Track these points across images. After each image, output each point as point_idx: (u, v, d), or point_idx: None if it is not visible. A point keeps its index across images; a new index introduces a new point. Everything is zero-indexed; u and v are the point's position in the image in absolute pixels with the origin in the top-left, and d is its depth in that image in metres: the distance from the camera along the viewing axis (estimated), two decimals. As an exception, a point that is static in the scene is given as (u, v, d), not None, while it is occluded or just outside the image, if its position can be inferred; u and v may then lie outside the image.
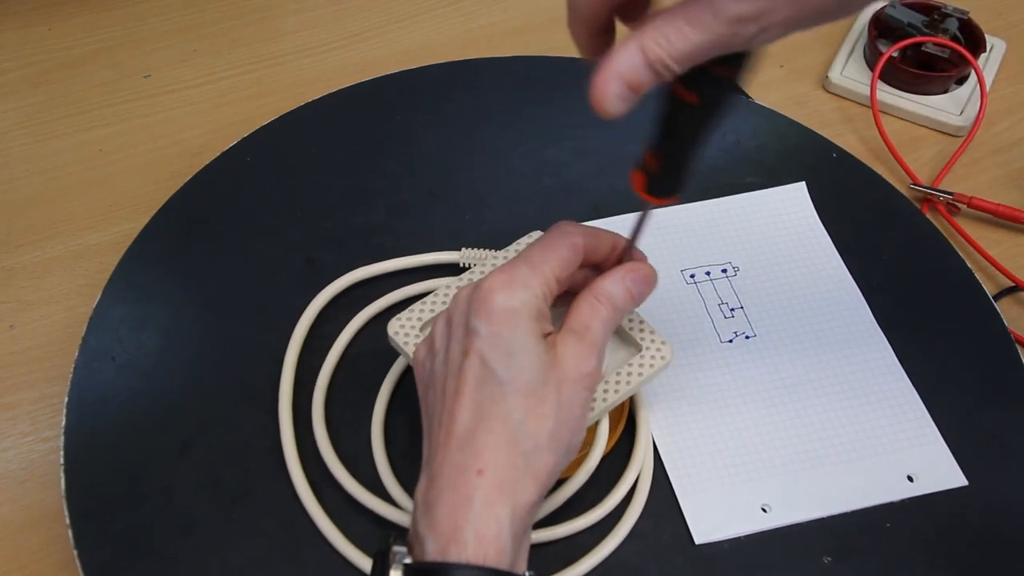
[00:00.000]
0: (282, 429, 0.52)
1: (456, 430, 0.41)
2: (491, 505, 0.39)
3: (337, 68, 0.75)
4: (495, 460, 0.40)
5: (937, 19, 0.73)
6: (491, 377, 0.41)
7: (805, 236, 0.62)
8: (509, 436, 0.40)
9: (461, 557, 0.38)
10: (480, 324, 0.41)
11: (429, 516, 0.40)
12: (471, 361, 0.41)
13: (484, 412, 0.41)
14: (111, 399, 0.54)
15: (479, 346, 0.41)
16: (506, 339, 0.41)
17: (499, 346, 0.41)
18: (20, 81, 0.73)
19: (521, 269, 0.43)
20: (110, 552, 0.48)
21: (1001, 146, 0.72)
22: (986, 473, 0.52)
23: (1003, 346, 0.57)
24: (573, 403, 0.42)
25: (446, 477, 0.40)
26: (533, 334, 0.42)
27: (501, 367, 0.41)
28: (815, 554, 0.50)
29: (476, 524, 0.39)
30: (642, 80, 0.36)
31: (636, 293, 0.46)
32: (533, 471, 0.40)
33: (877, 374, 0.56)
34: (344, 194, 0.63)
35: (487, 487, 0.39)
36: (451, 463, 0.40)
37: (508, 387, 0.41)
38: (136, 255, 0.60)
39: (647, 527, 0.50)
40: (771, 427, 0.54)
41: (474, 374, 0.41)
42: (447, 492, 0.40)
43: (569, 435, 0.42)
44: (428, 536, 0.39)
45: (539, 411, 0.41)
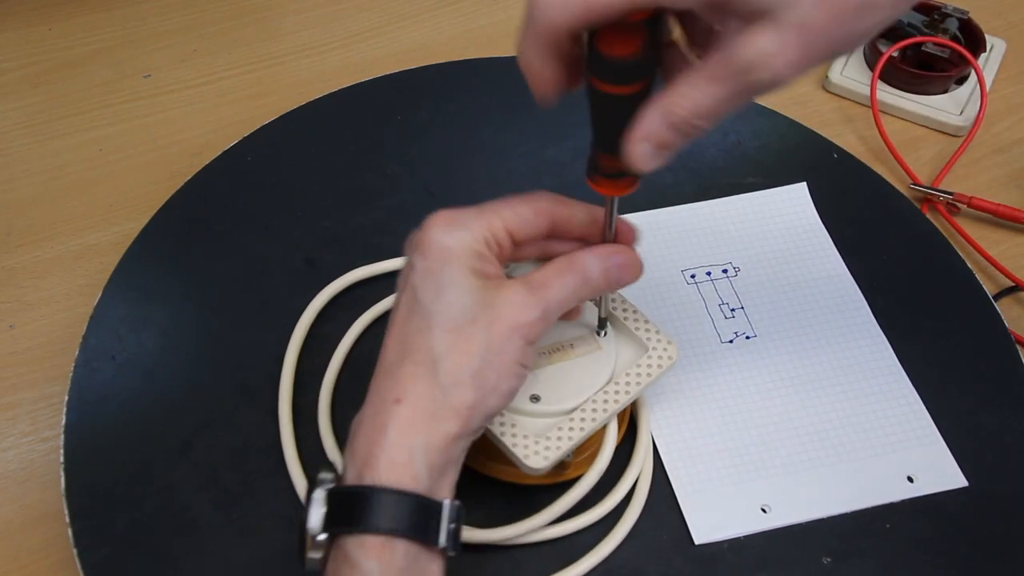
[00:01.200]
0: (282, 429, 0.52)
1: (384, 360, 0.42)
2: (404, 434, 0.40)
3: (337, 68, 0.75)
4: (413, 390, 0.40)
5: (937, 19, 0.73)
6: (419, 310, 0.41)
7: (805, 236, 0.62)
8: (429, 368, 0.41)
9: (379, 480, 0.39)
10: (416, 258, 0.42)
11: (351, 444, 0.41)
12: (405, 294, 0.42)
13: (409, 344, 0.41)
14: (111, 399, 0.54)
15: (413, 280, 0.42)
16: (436, 274, 0.41)
17: (429, 280, 0.42)
18: (20, 81, 0.73)
19: (468, 211, 0.43)
20: (110, 552, 0.48)
21: (1001, 146, 0.72)
22: (986, 473, 0.52)
23: (1003, 346, 0.57)
24: (504, 348, 0.41)
25: (370, 406, 0.41)
26: (465, 272, 0.42)
27: (429, 300, 0.41)
28: (815, 554, 0.50)
29: (388, 451, 0.40)
30: (669, 140, 0.37)
31: (615, 277, 0.45)
32: (453, 405, 0.40)
33: (877, 374, 0.56)
34: (344, 194, 0.63)
35: (403, 416, 0.40)
36: (375, 392, 0.41)
37: (433, 320, 0.41)
38: (136, 255, 0.60)
39: (647, 527, 0.50)
40: (771, 427, 0.54)
41: (406, 307, 0.42)
42: (367, 420, 0.41)
43: (496, 378, 0.41)
44: (348, 463, 0.41)
45: (463, 347, 0.41)
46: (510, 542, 0.49)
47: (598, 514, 0.50)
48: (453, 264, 0.41)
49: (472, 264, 0.42)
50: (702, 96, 0.36)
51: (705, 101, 0.36)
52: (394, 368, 0.41)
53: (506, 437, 0.46)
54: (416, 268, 0.42)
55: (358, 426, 0.41)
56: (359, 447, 0.41)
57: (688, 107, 0.36)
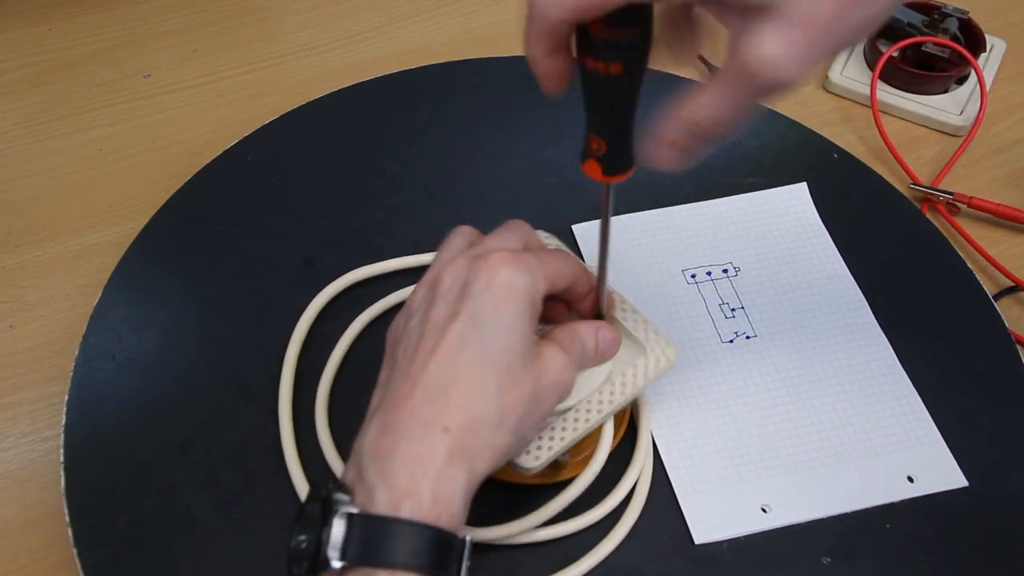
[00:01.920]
0: (282, 429, 0.52)
1: (426, 383, 0.40)
2: (450, 467, 0.39)
3: (337, 68, 0.75)
4: (462, 422, 0.39)
5: (937, 19, 0.73)
6: (477, 343, 0.41)
7: (805, 236, 0.62)
8: (480, 404, 0.40)
9: (415, 514, 0.38)
10: (480, 289, 0.41)
11: (381, 465, 0.39)
12: (460, 323, 0.41)
13: (459, 373, 0.40)
14: (111, 398, 0.54)
15: (474, 310, 0.41)
16: (503, 313, 0.41)
17: (494, 317, 0.41)
18: (20, 81, 0.73)
19: (529, 257, 0.43)
20: (110, 552, 0.48)
21: (1001, 146, 0.72)
22: (986, 473, 0.52)
23: (1003, 346, 0.57)
24: (543, 402, 0.42)
25: (406, 429, 0.39)
26: (527, 318, 0.42)
27: (490, 338, 0.41)
28: (815, 554, 0.50)
29: (435, 482, 0.38)
30: (691, 145, 0.38)
31: (602, 350, 0.47)
32: (492, 445, 0.40)
33: (877, 374, 0.56)
34: (344, 194, 0.63)
35: (450, 447, 0.39)
36: (415, 416, 0.40)
37: (492, 358, 0.41)
38: (136, 255, 0.60)
39: (647, 527, 0.50)
40: (771, 427, 0.54)
41: (459, 335, 0.41)
42: (405, 443, 0.39)
43: (529, 427, 0.42)
44: (379, 486, 0.38)
45: (514, 392, 0.41)
46: (506, 542, 0.49)
47: (598, 514, 0.49)
48: (519, 307, 0.42)
49: (532, 311, 0.42)
50: (717, 102, 0.36)
51: (720, 107, 0.36)
52: (441, 394, 0.40)
53: None
54: (479, 299, 0.41)
55: (392, 447, 0.39)
56: (397, 471, 0.38)
57: (705, 114, 0.36)
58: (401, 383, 0.41)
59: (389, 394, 0.41)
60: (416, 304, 0.44)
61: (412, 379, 0.41)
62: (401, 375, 0.41)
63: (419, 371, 0.41)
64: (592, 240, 0.61)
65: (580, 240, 0.61)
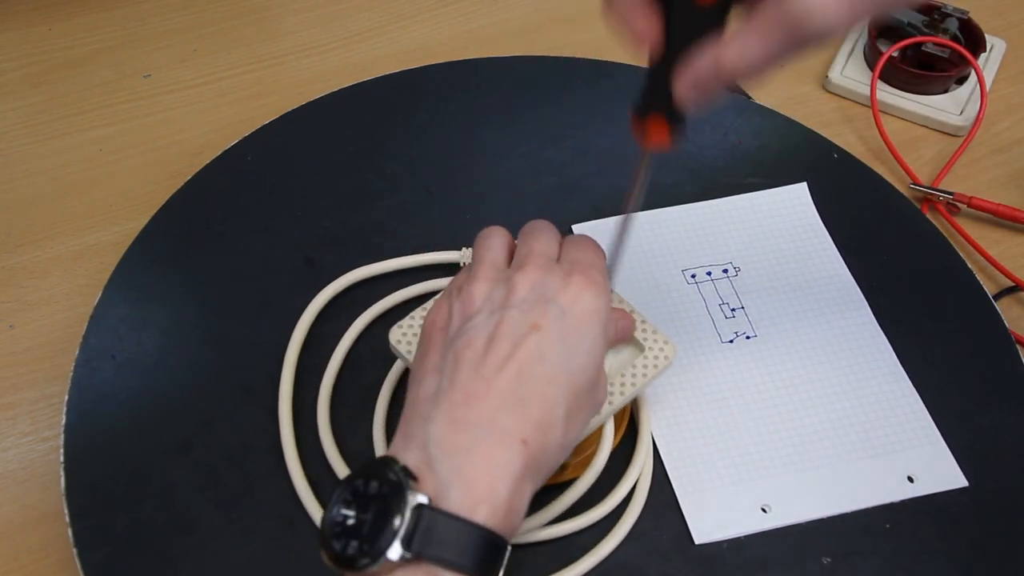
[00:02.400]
0: (282, 429, 0.52)
1: (501, 388, 0.39)
2: (524, 480, 0.38)
3: (337, 68, 0.75)
4: (538, 438, 0.39)
5: (937, 19, 0.73)
6: (556, 360, 0.40)
7: (806, 236, 0.62)
8: (550, 423, 0.40)
9: (489, 521, 0.37)
10: (566, 308, 0.42)
11: (457, 462, 0.37)
12: (541, 336, 0.40)
13: (537, 388, 0.40)
14: (111, 398, 0.54)
15: (556, 328, 0.41)
16: (584, 336, 0.41)
17: (576, 338, 0.41)
18: (20, 81, 0.73)
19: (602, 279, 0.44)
20: (110, 552, 0.48)
21: (1001, 146, 0.72)
22: (986, 473, 0.52)
23: (1003, 346, 0.57)
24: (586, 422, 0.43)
25: (485, 431, 0.38)
26: (603, 344, 0.42)
27: (569, 358, 0.41)
28: (815, 554, 0.50)
29: (512, 493, 0.38)
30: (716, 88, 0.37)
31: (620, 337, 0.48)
32: (552, 466, 0.41)
33: (877, 374, 0.56)
34: (344, 194, 0.63)
35: (525, 460, 0.38)
36: (493, 420, 0.38)
37: (567, 379, 0.41)
38: (136, 255, 0.60)
39: (647, 527, 0.50)
40: (771, 427, 0.54)
41: (540, 348, 0.40)
42: (486, 447, 0.38)
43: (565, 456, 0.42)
44: (455, 484, 0.37)
45: (577, 415, 0.41)
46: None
47: (599, 514, 0.50)
48: (599, 331, 0.42)
49: (606, 336, 0.43)
50: (753, 48, 0.36)
51: (756, 53, 0.36)
52: (518, 405, 0.39)
53: None
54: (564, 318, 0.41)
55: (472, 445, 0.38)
56: (476, 472, 0.37)
57: (739, 57, 0.36)
58: (472, 380, 0.40)
59: (458, 387, 0.40)
60: (478, 302, 0.43)
61: (486, 380, 0.39)
62: (470, 371, 0.40)
63: (494, 373, 0.40)
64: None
65: (580, 240, 0.61)
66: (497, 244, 0.46)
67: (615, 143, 0.67)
